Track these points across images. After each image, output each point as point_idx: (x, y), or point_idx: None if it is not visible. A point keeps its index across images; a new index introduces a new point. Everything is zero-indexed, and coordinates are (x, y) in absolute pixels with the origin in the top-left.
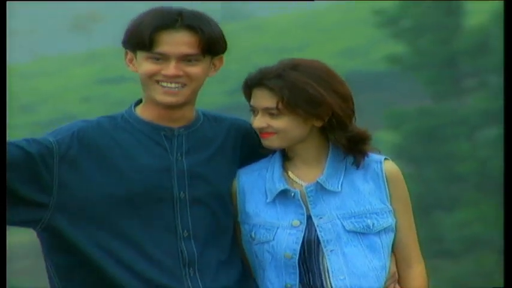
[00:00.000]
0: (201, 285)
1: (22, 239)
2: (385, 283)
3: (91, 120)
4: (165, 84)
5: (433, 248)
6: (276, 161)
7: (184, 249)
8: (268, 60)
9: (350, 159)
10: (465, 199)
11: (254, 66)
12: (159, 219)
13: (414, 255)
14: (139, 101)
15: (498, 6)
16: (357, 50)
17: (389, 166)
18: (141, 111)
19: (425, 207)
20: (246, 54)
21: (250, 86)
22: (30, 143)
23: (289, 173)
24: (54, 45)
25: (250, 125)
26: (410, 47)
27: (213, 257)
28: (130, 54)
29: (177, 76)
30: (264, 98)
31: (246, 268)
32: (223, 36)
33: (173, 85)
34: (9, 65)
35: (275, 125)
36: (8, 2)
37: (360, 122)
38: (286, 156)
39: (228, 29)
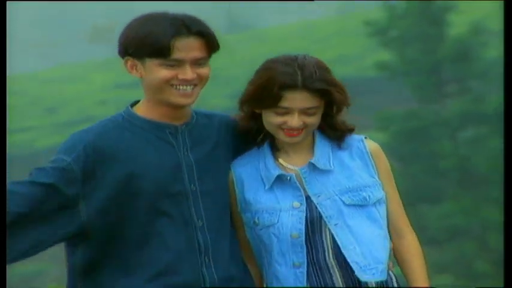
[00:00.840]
0: (214, 273)
1: None
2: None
3: (94, 128)
4: (181, 87)
5: (419, 237)
6: (266, 151)
7: (201, 238)
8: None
9: (333, 140)
10: (447, 193)
11: (254, 71)
12: (177, 212)
13: (405, 225)
14: (135, 103)
15: (478, 18)
16: (349, 58)
17: (371, 143)
18: (142, 112)
19: (411, 200)
20: (247, 61)
21: (288, 88)
22: (49, 173)
23: (280, 160)
24: (75, 54)
25: (235, 119)
26: (398, 55)
27: (223, 246)
28: (132, 61)
29: (192, 79)
30: (305, 100)
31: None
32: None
33: (188, 87)
34: (34, 72)
35: (310, 121)
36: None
37: (352, 123)
38: (275, 147)
39: (232, 39)
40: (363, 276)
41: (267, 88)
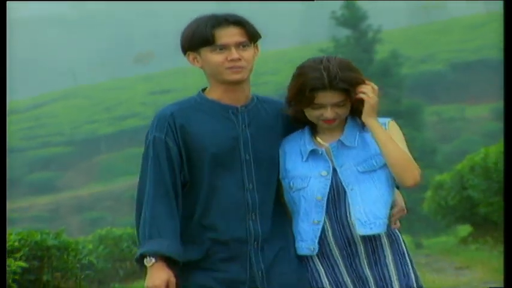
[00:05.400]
0: (259, 228)
1: (101, 189)
2: (393, 215)
3: (172, 108)
4: (233, 68)
5: None
6: (306, 132)
7: (249, 198)
8: (254, 79)
9: (360, 123)
10: None
11: None
12: (231, 176)
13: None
14: (204, 89)
15: (395, 47)
16: None
17: (392, 122)
18: (211, 95)
19: None
20: None
21: (317, 90)
22: (170, 169)
23: (317, 138)
24: (125, 71)
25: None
26: None
27: (268, 206)
28: (192, 55)
29: (238, 59)
30: (333, 96)
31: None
32: (255, 27)
33: (238, 68)
34: (97, 83)
35: (341, 111)
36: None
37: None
38: (314, 129)
39: None
40: (361, 231)
41: (301, 92)
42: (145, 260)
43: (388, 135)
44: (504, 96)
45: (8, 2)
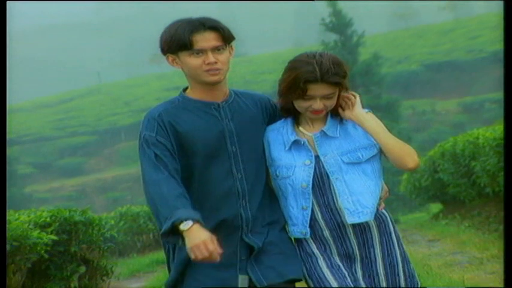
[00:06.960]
0: (249, 213)
1: (122, 172)
2: (380, 198)
3: (158, 108)
4: (210, 71)
5: None
6: (289, 122)
7: (239, 186)
8: (254, 77)
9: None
10: None
11: (246, 81)
12: (221, 167)
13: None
14: (185, 89)
15: (375, 50)
16: None
17: (370, 113)
18: (192, 95)
19: None
20: (241, 74)
21: (310, 82)
22: (168, 160)
23: (300, 128)
24: (141, 70)
25: (268, 97)
26: None
27: (257, 193)
28: (171, 57)
29: (215, 62)
30: (324, 89)
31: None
32: (230, 30)
33: (215, 70)
34: (117, 81)
35: (329, 103)
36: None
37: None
38: (297, 119)
39: (232, 62)
40: (350, 219)
41: (295, 84)
42: (182, 225)
43: (380, 124)
44: (504, 95)
45: (42, 5)
